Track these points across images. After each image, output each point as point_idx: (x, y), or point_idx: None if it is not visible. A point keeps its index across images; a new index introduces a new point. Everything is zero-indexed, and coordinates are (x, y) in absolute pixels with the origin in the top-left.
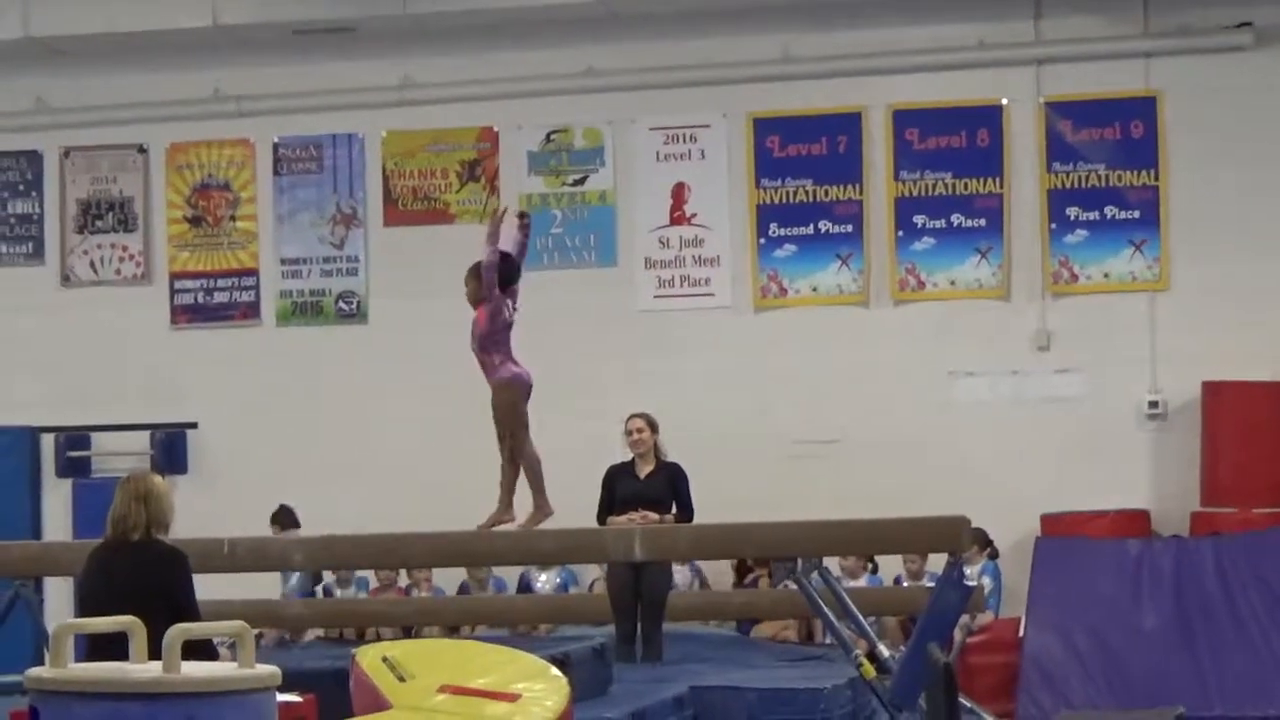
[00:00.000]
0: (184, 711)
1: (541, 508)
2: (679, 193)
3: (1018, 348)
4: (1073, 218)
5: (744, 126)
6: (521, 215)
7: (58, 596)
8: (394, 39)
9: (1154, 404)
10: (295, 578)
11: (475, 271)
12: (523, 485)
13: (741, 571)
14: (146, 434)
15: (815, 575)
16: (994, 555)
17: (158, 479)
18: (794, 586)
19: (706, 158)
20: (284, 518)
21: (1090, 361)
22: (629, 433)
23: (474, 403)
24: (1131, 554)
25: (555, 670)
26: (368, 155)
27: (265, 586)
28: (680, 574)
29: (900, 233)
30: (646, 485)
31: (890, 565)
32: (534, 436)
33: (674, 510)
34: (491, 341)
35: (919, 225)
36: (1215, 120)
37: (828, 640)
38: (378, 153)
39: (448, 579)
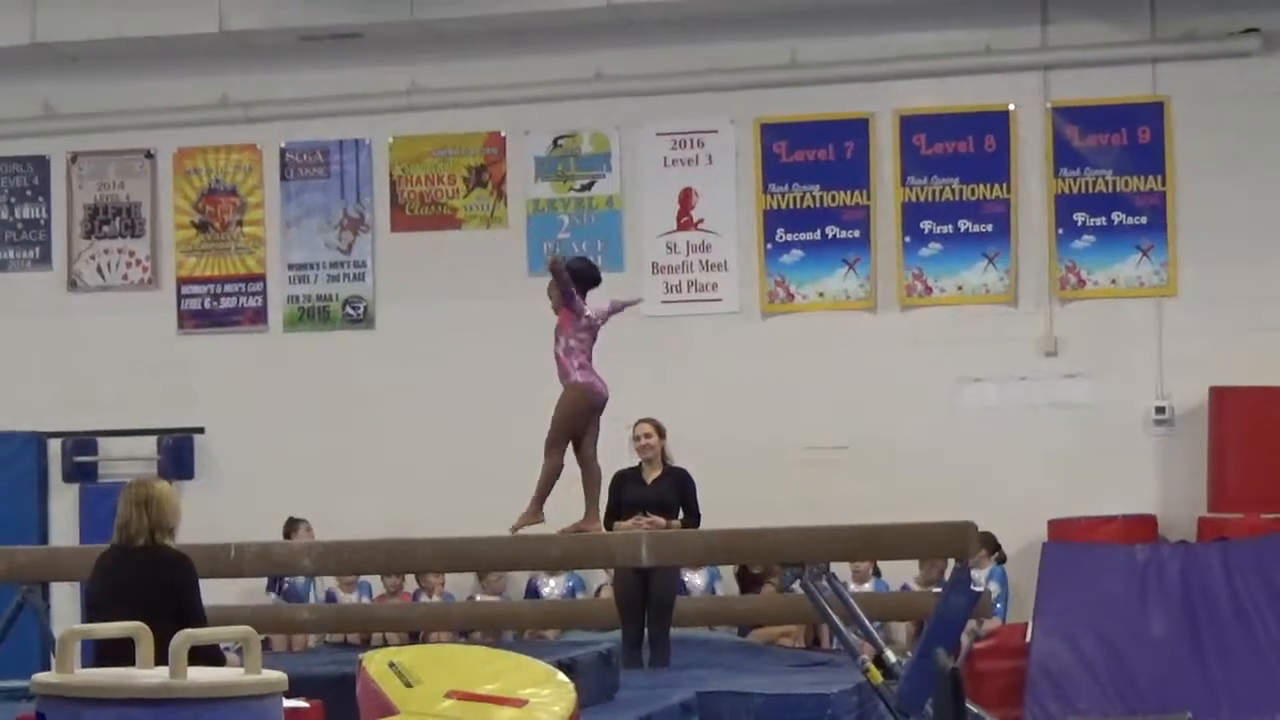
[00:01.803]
0: (190, 717)
1: (533, 514)
2: (686, 198)
3: (1025, 353)
4: (1080, 223)
5: (751, 132)
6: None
7: (65, 601)
8: (401, 45)
9: (1161, 409)
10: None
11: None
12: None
13: (745, 580)
14: (153, 439)
15: (823, 581)
16: (1001, 560)
17: (161, 484)
18: (801, 591)
19: (714, 163)
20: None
21: (1098, 367)
22: (637, 438)
23: (481, 407)
24: (1139, 559)
25: (562, 676)
26: (375, 161)
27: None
28: (698, 577)
29: (907, 238)
30: (654, 490)
31: (896, 570)
32: (543, 440)
33: (681, 516)
34: (576, 343)
35: (926, 231)
36: (1222, 125)
37: (834, 645)
38: (385, 158)
39: (461, 590)
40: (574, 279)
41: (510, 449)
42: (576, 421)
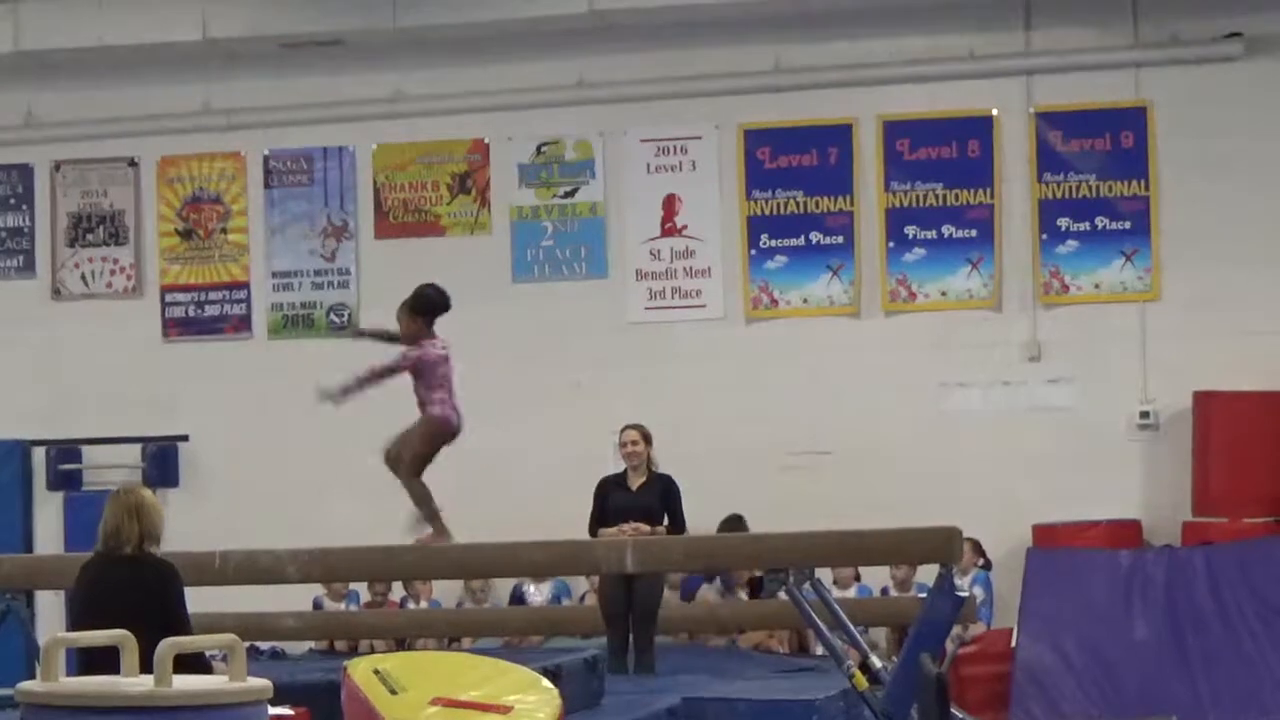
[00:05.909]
0: None
1: (441, 533)
2: (670, 204)
3: (1009, 358)
4: (1064, 228)
5: (735, 138)
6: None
7: (49, 610)
8: (384, 52)
9: (1145, 414)
10: None
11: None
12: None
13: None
14: (138, 447)
15: (807, 586)
16: (987, 566)
17: (147, 491)
18: (786, 597)
19: (697, 169)
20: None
21: (1081, 372)
22: (623, 444)
23: (465, 413)
24: (1123, 564)
25: (547, 682)
26: (358, 168)
27: (257, 600)
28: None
29: (891, 243)
30: (639, 497)
31: (878, 575)
32: (528, 447)
33: (666, 522)
34: (432, 378)
35: (910, 236)
36: (1205, 130)
37: (820, 651)
38: (368, 165)
39: (447, 594)
40: (429, 309)
41: (495, 454)
42: (427, 450)
